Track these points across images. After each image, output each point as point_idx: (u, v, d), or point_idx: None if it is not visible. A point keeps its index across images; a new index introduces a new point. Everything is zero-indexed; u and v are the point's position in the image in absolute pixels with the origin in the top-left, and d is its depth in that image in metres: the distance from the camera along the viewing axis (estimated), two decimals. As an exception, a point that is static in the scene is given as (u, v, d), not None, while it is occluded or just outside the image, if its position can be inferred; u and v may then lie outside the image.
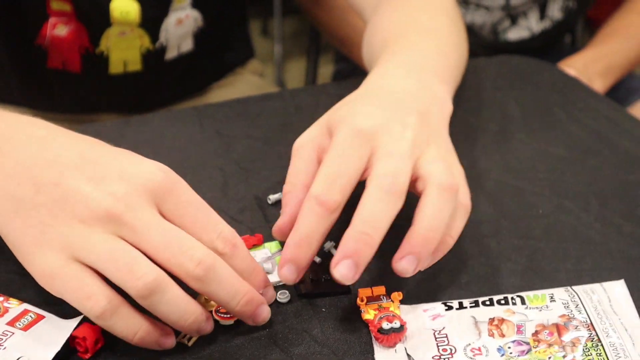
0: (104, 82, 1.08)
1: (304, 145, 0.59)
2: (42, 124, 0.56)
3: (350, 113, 0.58)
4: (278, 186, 0.64)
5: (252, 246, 0.61)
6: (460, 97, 0.82)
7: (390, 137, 0.55)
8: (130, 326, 0.47)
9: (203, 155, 0.69)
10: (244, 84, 1.27)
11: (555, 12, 1.38)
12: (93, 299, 0.46)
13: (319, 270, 0.58)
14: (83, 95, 1.11)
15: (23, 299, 0.54)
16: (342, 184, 0.52)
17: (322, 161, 0.54)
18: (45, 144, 0.53)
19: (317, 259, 0.59)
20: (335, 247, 0.60)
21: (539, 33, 1.39)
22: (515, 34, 1.39)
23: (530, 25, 1.38)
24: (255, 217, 0.63)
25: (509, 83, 0.86)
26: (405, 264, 0.50)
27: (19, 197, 0.50)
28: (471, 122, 0.79)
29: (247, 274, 0.50)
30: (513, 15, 1.37)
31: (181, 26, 1.06)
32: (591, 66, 1.21)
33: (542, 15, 1.38)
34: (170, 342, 0.49)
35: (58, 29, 1.01)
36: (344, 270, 0.49)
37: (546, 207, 0.66)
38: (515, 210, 0.66)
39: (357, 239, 0.49)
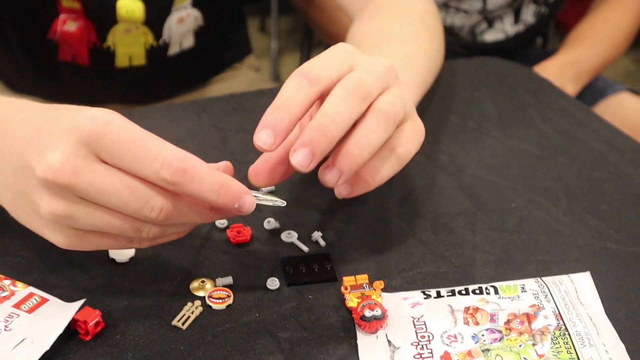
0: (110, 75, 1.06)
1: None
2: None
3: None
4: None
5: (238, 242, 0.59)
6: (440, 95, 0.81)
7: (369, 59, 0.52)
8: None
9: (200, 148, 0.67)
10: (242, 78, 1.26)
11: (528, 16, 1.37)
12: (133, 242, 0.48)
13: (307, 259, 0.57)
14: (91, 87, 1.10)
15: (29, 282, 0.53)
16: (324, 68, 0.49)
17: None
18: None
19: (305, 249, 0.58)
20: (323, 237, 0.59)
21: (513, 35, 1.38)
22: (491, 35, 1.38)
23: (505, 28, 1.37)
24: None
25: (486, 84, 0.85)
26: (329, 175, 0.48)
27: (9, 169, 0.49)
28: (450, 119, 0.77)
29: (214, 193, 0.45)
30: (489, 19, 1.36)
31: (183, 24, 1.04)
32: (565, 71, 1.21)
33: (517, 19, 1.37)
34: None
35: (68, 25, 1.00)
36: (300, 157, 0.46)
37: (519, 202, 0.65)
38: (490, 204, 0.65)
39: (315, 129, 0.46)
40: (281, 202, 0.50)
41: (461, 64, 0.89)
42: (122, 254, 0.56)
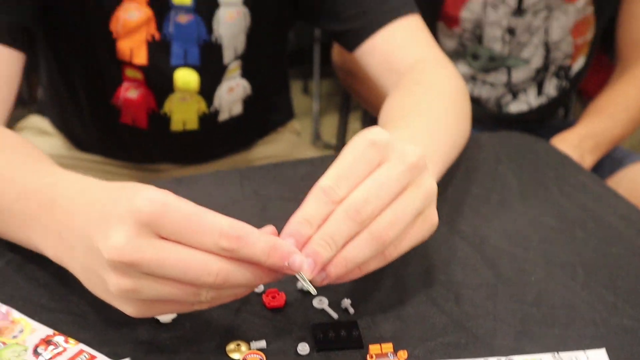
0: (165, 137, 1.08)
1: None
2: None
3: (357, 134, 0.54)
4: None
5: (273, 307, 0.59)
6: (465, 168, 0.80)
7: (400, 151, 0.52)
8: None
9: (242, 214, 0.66)
10: (284, 141, 1.27)
11: (550, 90, 1.36)
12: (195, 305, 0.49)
13: (335, 326, 0.56)
14: (147, 148, 1.12)
15: (80, 340, 0.53)
16: (347, 184, 0.49)
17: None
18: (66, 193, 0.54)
19: (335, 315, 0.57)
20: (352, 304, 0.58)
21: (536, 107, 1.37)
22: (515, 107, 1.37)
23: (529, 100, 1.36)
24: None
25: (509, 157, 0.84)
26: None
27: (65, 242, 0.51)
28: (474, 191, 0.76)
29: (265, 254, 0.46)
30: (514, 92, 1.35)
31: (232, 93, 1.06)
32: (584, 143, 1.18)
33: (539, 92, 1.36)
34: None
35: (130, 92, 1.02)
36: (305, 266, 0.47)
37: (538, 274, 0.63)
38: (510, 276, 0.63)
39: (317, 244, 0.48)
40: (313, 290, 0.50)
41: (485, 137, 0.88)
42: (166, 316, 0.56)
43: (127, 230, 0.44)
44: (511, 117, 1.37)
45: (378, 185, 0.50)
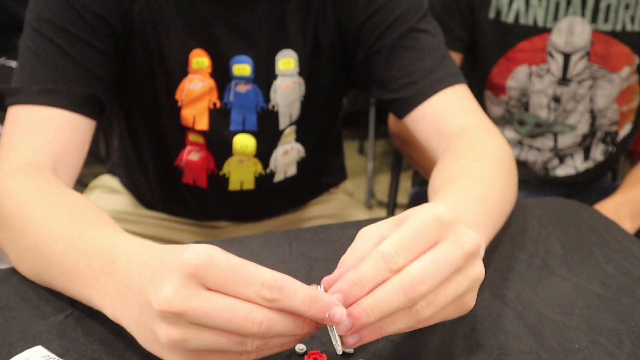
0: (224, 196, 1.08)
1: (368, 233, 0.54)
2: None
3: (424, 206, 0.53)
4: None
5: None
6: (510, 233, 0.77)
7: (458, 235, 0.50)
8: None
9: (288, 274, 0.65)
10: (336, 201, 1.27)
11: (597, 154, 1.32)
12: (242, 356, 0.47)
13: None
14: (207, 206, 1.13)
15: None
16: (407, 255, 0.48)
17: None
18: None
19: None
20: None
21: (583, 171, 1.33)
22: (562, 171, 1.33)
23: (575, 165, 1.32)
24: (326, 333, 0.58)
25: (553, 223, 0.80)
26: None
27: (122, 300, 0.51)
28: (518, 256, 0.73)
29: (306, 305, 0.45)
30: (560, 156, 1.31)
31: (287, 156, 1.06)
32: (620, 209, 1.14)
33: (586, 157, 1.32)
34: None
35: (192, 155, 1.03)
36: (350, 340, 0.48)
37: (582, 342, 0.59)
38: (553, 344, 0.59)
39: (363, 313, 0.46)
40: (339, 350, 0.49)
41: (530, 203, 0.85)
42: None
43: (176, 282, 0.44)
44: (558, 180, 1.34)
45: (435, 266, 0.48)
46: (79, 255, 0.59)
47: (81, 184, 1.32)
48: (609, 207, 1.13)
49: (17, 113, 0.82)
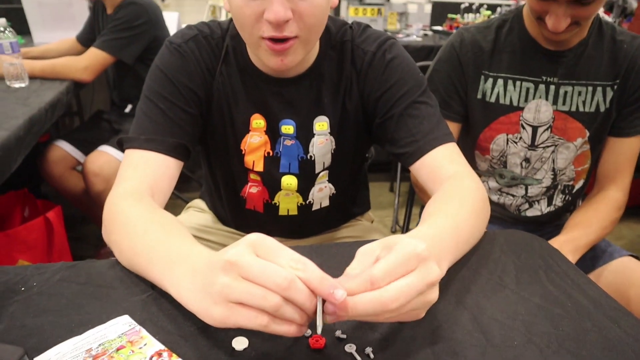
0: (275, 219, 1.08)
1: (366, 252, 0.54)
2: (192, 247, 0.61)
3: (407, 238, 0.54)
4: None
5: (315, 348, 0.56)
6: (477, 255, 0.75)
7: (427, 269, 0.51)
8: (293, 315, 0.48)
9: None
10: (362, 227, 1.25)
11: (558, 202, 1.27)
12: (259, 318, 0.47)
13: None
14: (264, 226, 1.12)
15: (181, 356, 0.52)
16: (388, 279, 0.49)
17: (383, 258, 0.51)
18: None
19: (359, 358, 0.53)
20: (373, 351, 0.54)
21: (547, 213, 1.28)
22: (531, 212, 1.28)
23: (541, 208, 1.27)
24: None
25: (511, 249, 0.77)
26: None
27: (190, 284, 0.54)
28: (481, 273, 0.70)
29: (318, 280, 0.47)
30: (530, 201, 1.27)
31: (322, 192, 1.05)
32: (564, 246, 1.10)
33: (550, 203, 1.27)
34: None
35: (252, 189, 1.04)
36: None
37: (520, 340, 0.57)
38: (497, 341, 0.57)
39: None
40: (319, 329, 0.49)
41: (496, 233, 0.82)
42: (240, 345, 0.54)
43: (239, 247, 0.49)
44: (528, 219, 1.28)
45: (407, 289, 0.49)
46: (162, 253, 0.61)
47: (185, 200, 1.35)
48: (555, 244, 1.08)
49: (130, 154, 0.85)
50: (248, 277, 0.47)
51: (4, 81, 1.67)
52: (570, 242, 1.10)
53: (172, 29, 2.45)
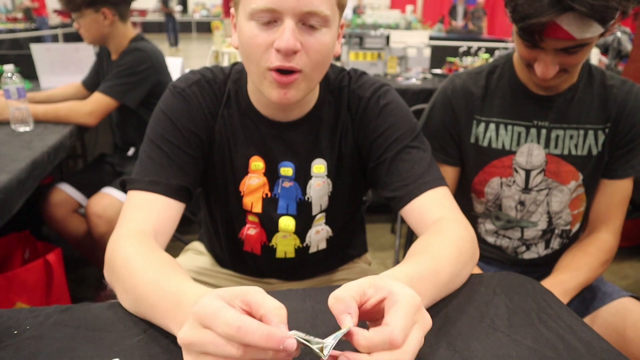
0: (272, 262, 1.08)
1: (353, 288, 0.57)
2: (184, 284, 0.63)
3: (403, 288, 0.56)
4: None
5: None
6: (469, 297, 0.75)
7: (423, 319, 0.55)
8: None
9: (297, 322, 0.66)
10: (358, 269, 1.25)
11: (555, 245, 1.27)
12: None
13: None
14: (261, 268, 1.13)
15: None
16: (404, 337, 0.51)
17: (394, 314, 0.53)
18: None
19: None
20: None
21: (544, 256, 1.27)
22: (528, 255, 1.28)
23: (538, 251, 1.27)
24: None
25: (504, 291, 0.77)
26: None
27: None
28: (473, 315, 0.70)
29: (264, 340, 0.47)
30: (527, 244, 1.27)
31: (319, 234, 1.06)
32: (553, 289, 1.09)
33: (547, 246, 1.27)
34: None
35: (250, 231, 1.05)
36: None
37: None
38: None
39: None
40: (323, 356, 0.50)
41: (489, 275, 0.81)
42: None
43: (188, 326, 0.51)
44: (524, 262, 1.28)
45: (418, 345, 0.53)
46: (161, 295, 0.62)
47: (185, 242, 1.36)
48: (546, 286, 1.08)
49: (133, 195, 0.86)
50: (205, 352, 0.49)
51: (9, 125, 1.71)
52: (558, 285, 1.10)
53: (176, 74, 2.52)
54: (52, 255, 1.67)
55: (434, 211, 0.87)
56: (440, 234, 0.79)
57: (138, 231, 0.79)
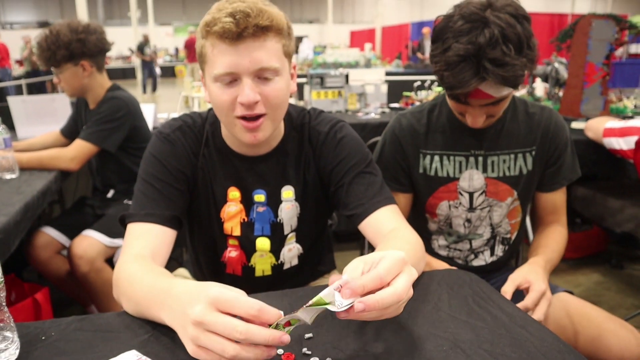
0: (252, 280, 1.20)
1: (354, 267, 0.70)
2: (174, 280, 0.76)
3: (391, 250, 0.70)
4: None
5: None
6: (420, 289, 0.89)
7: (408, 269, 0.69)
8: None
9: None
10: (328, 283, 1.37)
11: (499, 252, 1.44)
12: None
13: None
14: (242, 287, 1.22)
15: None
16: (391, 276, 0.65)
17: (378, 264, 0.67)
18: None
19: None
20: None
21: (490, 262, 1.44)
22: (476, 262, 1.45)
23: (485, 258, 1.44)
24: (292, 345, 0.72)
25: (447, 283, 0.92)
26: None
27: (174, 313, 0.68)
28: (422, 301, 0.85)
29: (275, 317, 0.63)
30: (475, 253, 1.43)
31: (291, 252, 1.19)
32: (534, 267, 1.22)
33: (492, 253, 1.44)
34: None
35: (231, 253, 1.16)
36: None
37: (447, 346, 0.72)
38: (431, 347, 0.71)
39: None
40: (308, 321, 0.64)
41: (435, 272, 0.97)
42: None
43: (202, 305, 0.62)
44: (474, 268, 1.44)
45: (406, 285, 0.66)
46: (156, 293, 0.75)
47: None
48: (524, 269, 1.21)
49: (132, 227, 0.99)
50: (213, 331, 0.61)
51: (-5, 174, 1.81)
52: (535, 264, 1.24)
53: (149, 118, 2.66)
54: (40, 294, 1.75)
55: (388, 223, 1.03)
56: (397, 238, 0.95)
57: (138, 255, 0.92)
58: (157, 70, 14.12)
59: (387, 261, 0.66)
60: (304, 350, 0.71)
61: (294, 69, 1.06)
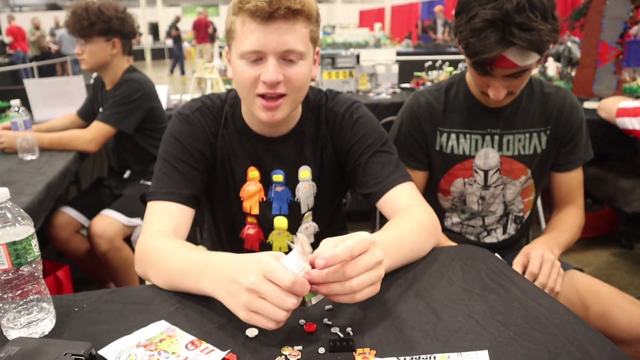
0: None
1: (329, 241, 0.74)
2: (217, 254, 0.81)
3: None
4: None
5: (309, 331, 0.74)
6: (432, 262, 0.93)
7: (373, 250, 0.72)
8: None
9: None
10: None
11: (511, 230, 1.47)
12: (270, 324, 0.68)
13: (341, 339, 0.69)
14: None
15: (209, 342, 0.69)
16: (359, 250, 0.69)
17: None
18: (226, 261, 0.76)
19: (341, 335, 0.71)
20: (352, 330, 0.72)
21: (502, 240, 1.47)
22: (489, 239, 1.47)
23: (497, 236, 1.46)
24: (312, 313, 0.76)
25: (460, 257, 0.95)
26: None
27: (217, 281, 0.73)
28: (436, 275, 0.88)
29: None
30: (488, 230, 1.46)
31: (307, 230, 1.22)
32: (546, 243, 1.27)
33: (504, 231, 1.46)
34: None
35: (249, 230, 1.20)
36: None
37: (463, 317, 0.75)
38: (445, 318, 0.75)
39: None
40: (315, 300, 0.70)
41: (448, 247, 1.01)
42: (252, 333, 0.72)
43: (255, 274, 0.67)
44: (486, 245, 1.46)
45: (368, 260, 0.70)
46: (191, 264, 0.80)
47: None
48: (538, 243, 1.26)
49: (152, 205, 1.03)
50: (264, 298, 0.66)
51: (17, 155, 1.86)
52: (552, 239, 1.27)
53: (163, 100, 2.69)
54: (62, 272, 1.81)
55: (403, 201, 1.06)
56: (406, 215, 0.98)
57: (161, 232, 0.96)
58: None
59: (354, 239, 0.70)
60: (325, 320, 0.75)
61: (317, 54, 1.08)
